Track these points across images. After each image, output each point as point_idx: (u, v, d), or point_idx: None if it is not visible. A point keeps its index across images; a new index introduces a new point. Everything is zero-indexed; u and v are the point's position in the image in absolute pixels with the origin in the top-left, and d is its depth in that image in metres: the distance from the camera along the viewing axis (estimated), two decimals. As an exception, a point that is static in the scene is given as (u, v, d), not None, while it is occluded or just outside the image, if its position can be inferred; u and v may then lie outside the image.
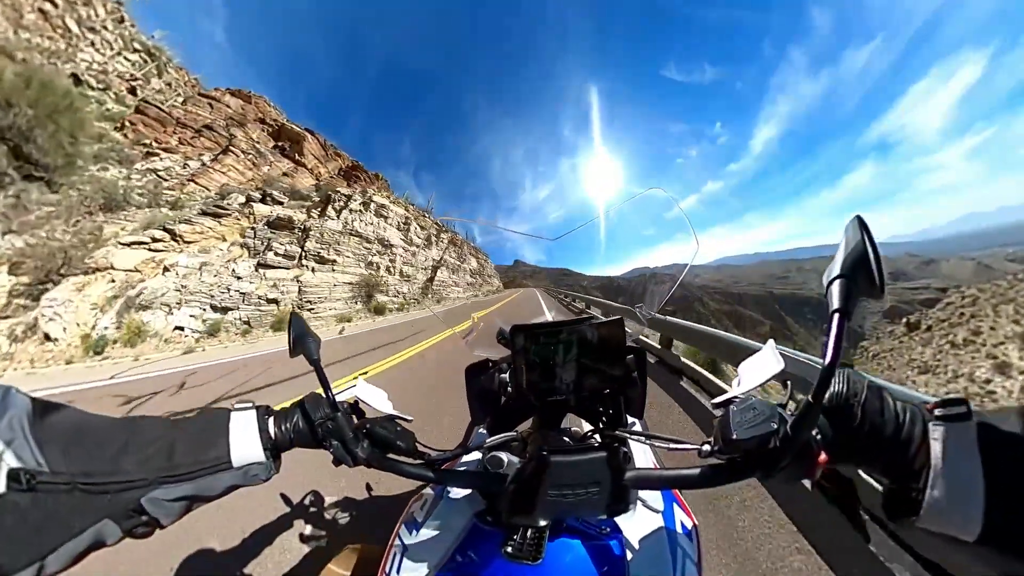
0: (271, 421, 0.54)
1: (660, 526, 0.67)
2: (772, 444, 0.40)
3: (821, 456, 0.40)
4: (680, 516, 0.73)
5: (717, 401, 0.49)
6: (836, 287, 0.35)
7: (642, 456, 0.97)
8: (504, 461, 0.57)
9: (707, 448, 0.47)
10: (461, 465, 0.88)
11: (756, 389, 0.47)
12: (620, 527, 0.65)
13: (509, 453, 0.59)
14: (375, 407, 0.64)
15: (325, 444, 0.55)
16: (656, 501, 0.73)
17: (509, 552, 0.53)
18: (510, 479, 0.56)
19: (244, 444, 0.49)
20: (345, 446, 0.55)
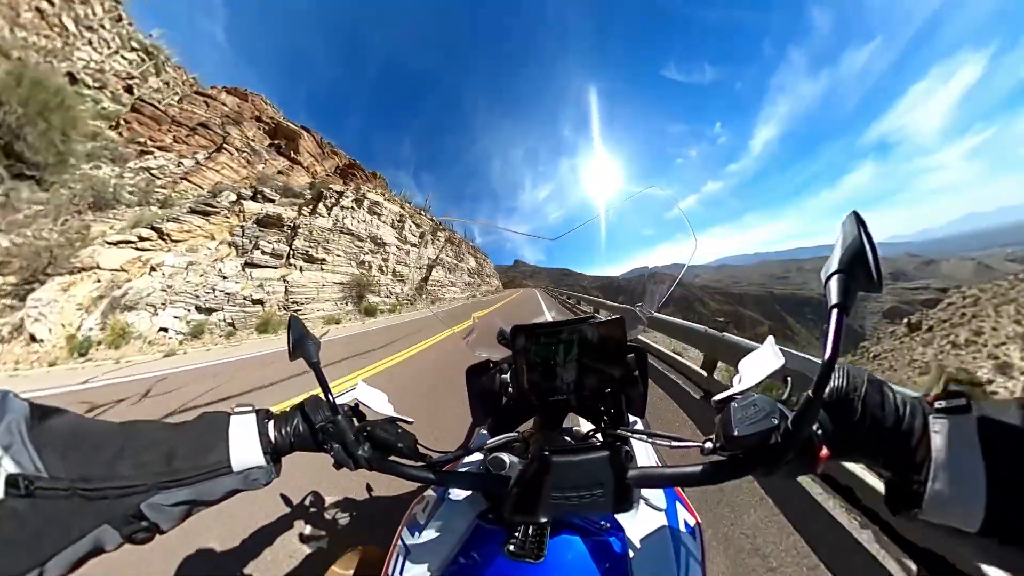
0: (271, 425, 0.54)
1: (663, 524, 0.67)
2: (774, 440, 0.40)
3: (823, 451, 0.40)
4: (683, 514, 0.72)
5: (718, 398, 0.48)
6: (834, 282, 0.35)
7: (644, 455, 0.97)
8: (506, 462, 0.57)
9: (709, 445, 0.47)
10: (463, 466, 0.89)
11: (757, 386, 0.47)
12: (622, 525, 0.65)
13: (511, 454, 0.58)
14: (375, 409, 0.64)
15: (326, 447, 0.55)
16: (659, 499, 0.73)
17: (511, 551, 0.53)
18: (513, 480, 0.56)
19: (244, 448, 0.48)
20: (346, 449, 0.55)
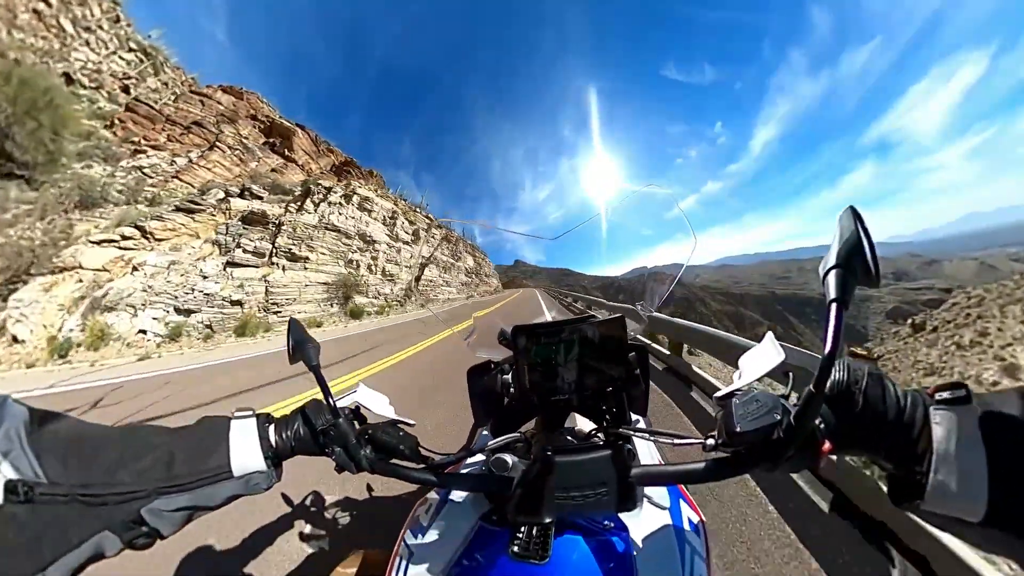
0: (271, 429, 0.53)
1: (667, 523, 0.67)
2: (776, 435, 0.40)
3: (825, 445, 0.40)
4: (687, 512, 0.72)
5: (720, 395, 0.48)
6: (832, 277, 0.35)
7: (647, 453, 0.97)
8: (509, 463, 0.56)
9: (711, 442, 0.47)
10: (465, 468, 0.89)
11: (757, 381, 0.46)
12: (626, 524, 0.65)
13: (513, 455, 0.58)
14: (376, 412, 0.64)
15: (327, 451, 0.55)
16: (662, 497, 0.72)
17: (516, 552, 0.54)
18: (516, 481, 0.56)
19: (244, 453, 0.48)
20: (348, 452, 0.55)
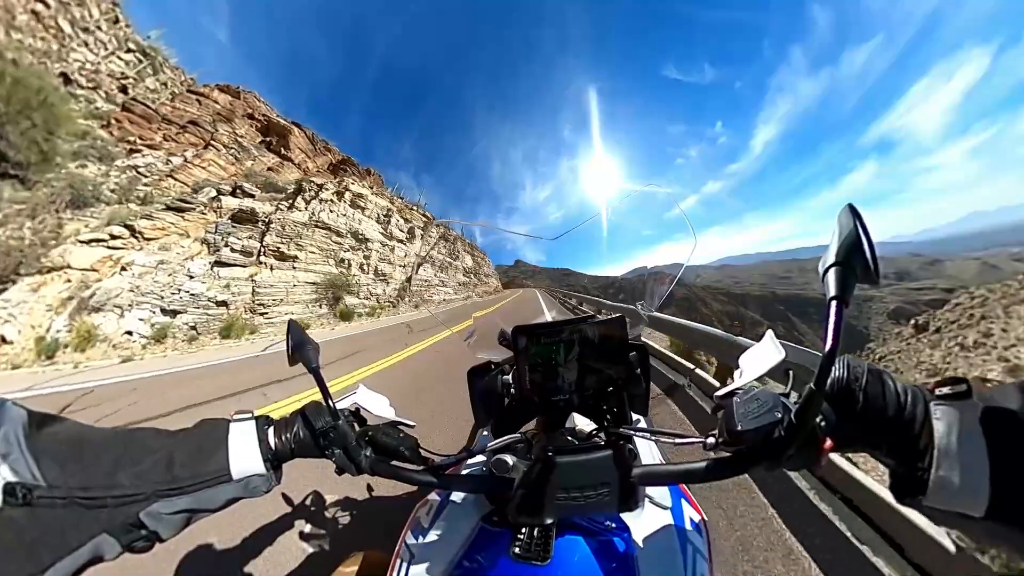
0: (271, 431, 0.53)
1: (669, 522, 0.67)
2: (777, 433, 0.40)
3: (826, 443, 0.39)
4: (688, 511, 0.72)
5: (720, 394, 0.48)
6: (832, 275, 0.35)
7: (648, 452, 0.97)
8: (509, 464, 0.56)
9: (712, 441, 0.47)
10: (466, 468, 0.88)
11: (758, 380, 0.47)
12: (628, 524, 0.64)
13: (514, 455, 0.57)
14: (376, 413, 0.64)
15: (327, 453, 0.54)
16: (663, 497, 0.72)
17: (517, 553, 0.54)
18: (517, 482, 0.56)
19: (244, 456, 0.47)
20: (348, 454, 0.54)
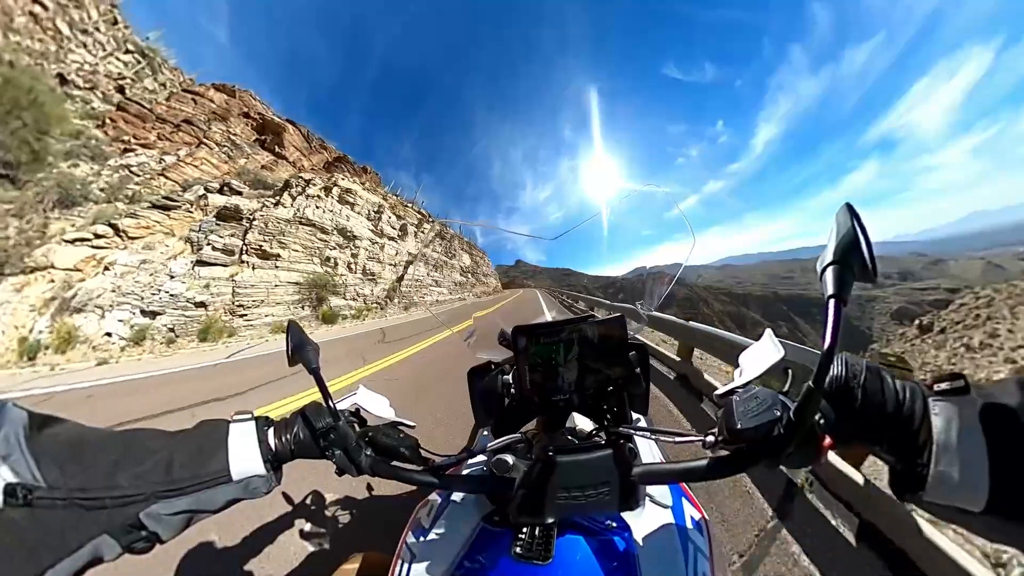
0: (271, 432, 0.53)
1: (669, 521, 0.67)
2: (776, 431, 0.40)
3: (825, 440, 0.40)
4: (689, 510, 0.72)
5: (720, 392, 0.48)
6: (830, 274, 0.35)
7: (648, 451, 0.97)
8: (510, 464, 0.56)
9: (712, 439, 0.47)
10: (466, 469, 0.88)
11: (757, 379, 0.47)
12: (629, 523, 0.65)
13: (515, 455, 0.57)
14: (376, 414, 0.64)
15: (327, 454, 0.54)
16: (664, 496, 0.72)
17: (518, 553, 0.54)
18: (517, 482, 0.56)
19: (243, 457, 0.47)
20: (348, 455, 0.54)
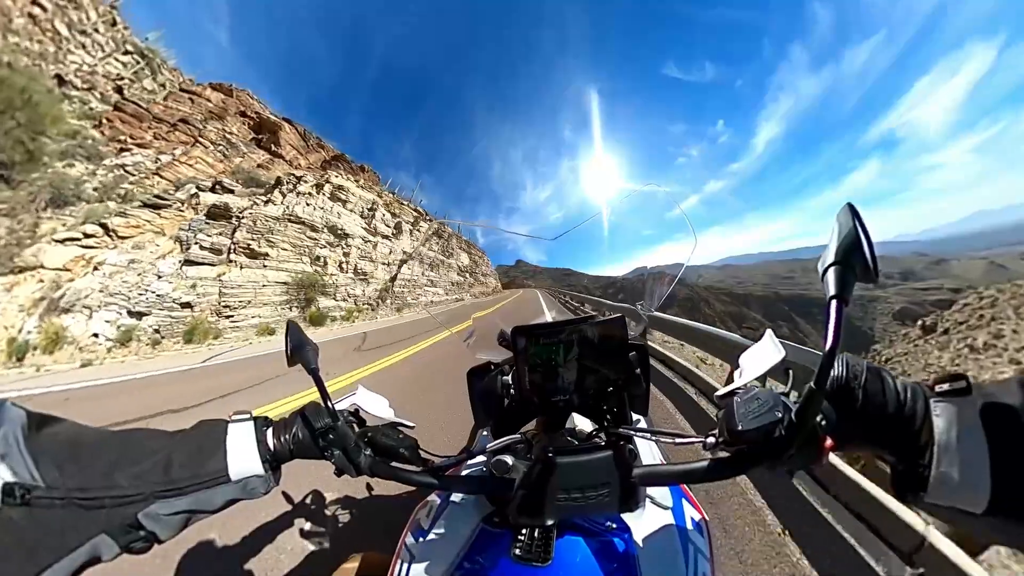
0: (270, 432, 0.53)
1: (670, 522, 0.67)
2: (777, 433, 0.40)
3: (827, 441, 0.39)
4: (689, 511, 0.72)
5: (720, 393, 0.48)
6: (831, 274, 0.35)
7: (648, 452, 0.96)
8: (509, 464, 0.56)
9: (712, 440, 0.47)
10: (466, 469, 0.88)
11: (758, 379, 0.47)
12: (629, 524, 0.64)
13: (514, 456, 0.57)
14: (376, 414, 0.63)
15: (326, 454, 0.54)
16: (664, 497, 0.72)
17: (518, 554, 0.54)
18: (517, 483, 0.56)
19: (242, 457, 0.47)
20: (347, 455, 0.54)
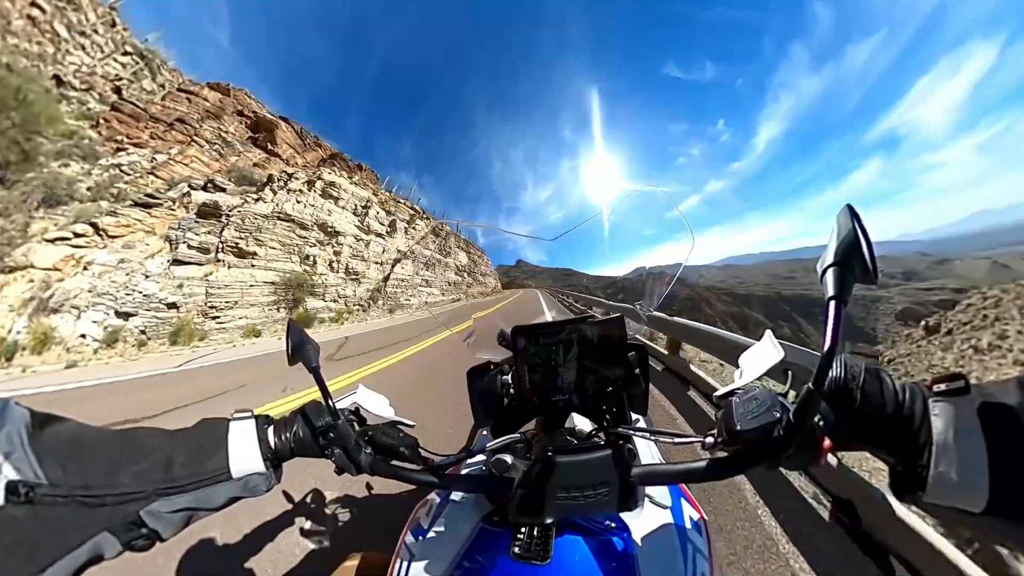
0: (271, 430, 0.53)
1: (668, 521, 0.67)
2: (776, 433, 0.40)
3: (825, 442, 0.40)
4: (688, 510, 0.72)
5: (719, 393, 0.48)
6: (831, 275, 0.35)
7: (647, 452, 0.97)
8: (509, 464, 0.56)
9: (711, 440, 0.47)
10: (465, 468, 0.88)
11: (757, 380, 0.47)
12: (628, 523, 0.64)
13: (514, 455, 0.58)
14: (376, 413, 0.64)
15: (327, 453, 0.54)
16: (663, 496, 0.73)
17: (517, 553, 0.54)
18: (517, 482, 0.56)
19: (243, 455, 0.48)
20: (347, 454, 0.55)
